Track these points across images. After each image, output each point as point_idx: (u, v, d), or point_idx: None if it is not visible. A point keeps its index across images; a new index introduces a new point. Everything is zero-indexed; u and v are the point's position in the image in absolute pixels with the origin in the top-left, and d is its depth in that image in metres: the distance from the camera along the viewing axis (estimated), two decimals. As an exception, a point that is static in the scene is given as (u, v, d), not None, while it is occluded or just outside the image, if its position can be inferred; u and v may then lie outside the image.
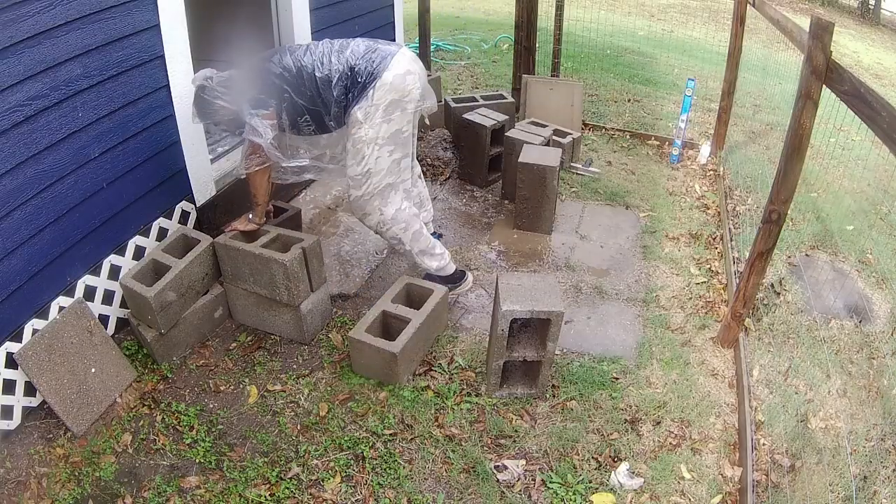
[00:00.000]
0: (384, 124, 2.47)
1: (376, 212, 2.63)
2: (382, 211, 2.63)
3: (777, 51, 4.31)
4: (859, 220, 3.79)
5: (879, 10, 13.53)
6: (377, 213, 2.64)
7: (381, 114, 2.45)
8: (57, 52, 2.11)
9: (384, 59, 2.43)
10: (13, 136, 2.03)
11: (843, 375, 2.55)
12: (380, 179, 2.57)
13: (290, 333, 2.67)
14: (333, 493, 2.04)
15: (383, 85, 2.41)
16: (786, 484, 2.04)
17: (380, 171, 2.55)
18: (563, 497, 2.04)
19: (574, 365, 2.57)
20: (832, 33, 1.98)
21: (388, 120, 2.48)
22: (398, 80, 2.43)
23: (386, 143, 2.51)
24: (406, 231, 2.71)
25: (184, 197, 2.88)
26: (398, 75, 2.43)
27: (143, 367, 2.50)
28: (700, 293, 3.05)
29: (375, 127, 2.46)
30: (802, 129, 2.11)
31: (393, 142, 2.53)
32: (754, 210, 3.45)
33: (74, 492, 2.03)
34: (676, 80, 6.26)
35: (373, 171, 2.54)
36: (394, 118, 2.48)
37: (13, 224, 2.09)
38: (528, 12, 4.66)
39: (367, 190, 2.58)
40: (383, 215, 2.64)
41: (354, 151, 2.51)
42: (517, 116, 4.62)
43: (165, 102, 2.65)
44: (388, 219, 2.65)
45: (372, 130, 2.46)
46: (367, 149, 2.49)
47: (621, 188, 4.03)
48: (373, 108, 2.43)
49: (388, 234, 2.71)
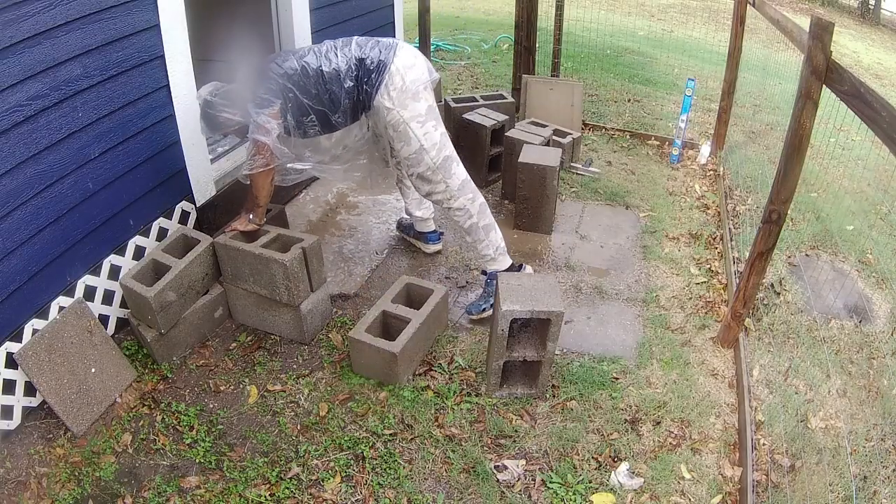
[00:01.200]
0: (415, 103, 2.49)
1: (441, 184, 2.62)
2: (448, 183, 2.62)
3: (777, 51, 4.31)
4: (859, 220, 3.79)
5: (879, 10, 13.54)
6: (443, 185, 2.62)
7: (408, 94, 2.47)
8: (57, 52, 2.11)
9: (391, 48, 2.47)
10: (13, 136, 2.03)
11: (843, 375, 2.55)
12: (437, 153, 2.57)
13: (290, 333, 2.67)
14: (333, 493, 2.04)
15: (398, 69, 2.44)
16: (786, 484, 2.04)
17: (434, 146, 2.56)
18: (563, 497, 2.04)
19: (574, 365, 2.57)
20: (832, 33, 1.98)
21: (417, 98, 2.49)
22: (410, 62, 2.48)
23: (426, 118, 2.53)
24: (474, 202, 2.68)
25: (184, 197, 2.88)
26: (408, 57, 2.49)
27: (143, 367, 2.50)
28: (700, 293, 3.05)
29: (409, 107, 2.48)
30: (802, 129, 2.11)
31: (433, 116, 2.55)
32: (754, 210, 3.45)
33: (74, 492, 2.03)
34: (676, 80, 6.26)
35: (426, 147, 2.55)
36: (421, 96, 2.50)
37: (13, 224, 2.09)
38: (528, 12, 4.66)
39: (428, 164, 2.58)
40: (449, 187, 2.63)
41: (398, 135, 2.53)
42: (517, 116, 4.62)
43: (165, 102, 2.65)
44: (454, 189, 2.63)
45: (406, 111, 2.48)
46: (411, 128, 2.50)
47: (621, 188, 4.03)
48: (396, 91, 2.46)
49: (456, 205, 2.66)
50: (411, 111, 2.49)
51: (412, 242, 3.34)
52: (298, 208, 3.61)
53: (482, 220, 2.72)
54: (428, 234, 3.24)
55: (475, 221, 2.70)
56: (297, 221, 3.47)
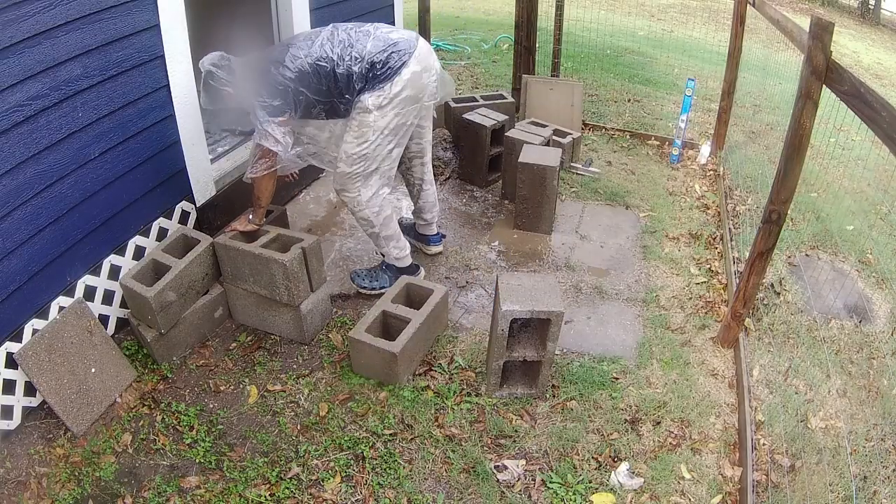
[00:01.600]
0: (395, 118, 2.51)
1: (355, 191, 2.68)
2: (360, 192, 2.68)
3: (777, 51, 4.31)
4: (859, 220, 3.79)
5: (879, 10, 13.53)
6: (356, 192, 2.68)
7: (393, 107, 2.49)
8: (57, 52, 2.11)
9: (403, 56, 2.45)
10: (13, 136, 2.03)
11: (843, 375, 2.55)
12: (370, 164, 2.61)
13: (290, 333, 2.67)
14: (333, 493, 2.04)
15: (401, 80, 2.45)
16: (786, 484, 2.04)
17: (375, 158, 2.60)
18: (563, 497, 2.04)
19: (574, 365, 2.57)
20: (832, 33, 1.98)
21: (399, 114, 2.52)
22: (416, 78, 2.48)
23: (390, 133, 2.56)
24: (378, 214, 2.76)
25: (184, 197, 2.88)
26: (416, 73, 2.48)
27: (143, 367, 2.50)
28: (700, 293, 3.05)
29: (386, 118, 2.50)
30: (802, 129, 2.11)
31: (396, 134, 2.58)
32: (754, 210, 3.45)
33: (74, 492, 2.03)
34: (676, 80, 6.26)
35: (369, 156, 2.59)
36: (404, 112, 2.53)
37: (13, 224, 2.09)
38: (528, 12, 4.66)
39: (355, 170, 2.61)
40: (360, 196, 2.68)
41: (358, 133, 2.54)
42: (517, 116, 4.62)
43: (165, 102, 2.65)
44: (363, 200, 2.70)
45: (382, 121, 2.50)
46: (372, 135, 2.53)
47: (621, 188, 4.03)
48: (387, 101, 2.46)
49: (360, 214, 2.75)
50: (385, 122, 2.52)
51: (413, 244, 3.33)
52: (299, 208, 3.61)
53: (385, 230, 2.82)
54: (430, 236, 3.27)
55: (377, 231, 2.81)
56: (298, 221, 3.47)
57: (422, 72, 2.50)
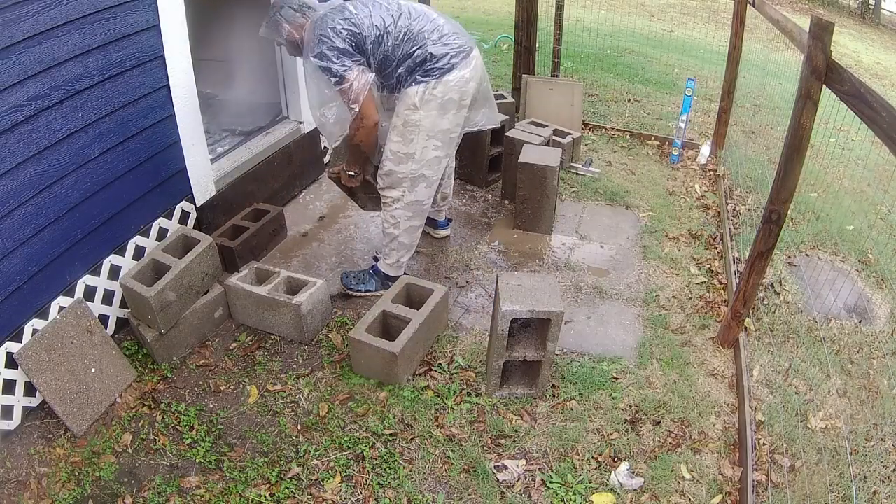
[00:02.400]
0: (438, 119, 2.51)
1: (400, 191, 2.66)
2: (406, 194, 2.67)
3: (777, 51, 4.31)
4: (859, 220, 3.79)
5: (879, 11, 13.53)
6: (401, 192, 2.67)
7: (437, 106, 2.48)
8: (57, 52, 2.11)
9: (458, 58, 2.44)
10: (13, 136, 2.03)
11: (843, 375, 2.55)
12: (419, 167, 2.60)
13: (290, 333, 2.67)
14: (333, 493, 2.04)
15: (448, 81, 2.45)
16: (786, 484, 2.04)
17: (422, 160, 2.59)
18: (563, 497, 2.04)
19: (574, 365, 2.57)
20: (832, 33, 1.98)
21: (443, 116, 2.51)
22: (462, 83, 2.48)
23: (436, 136, 2.55)
24: (410, 220, 2.74)
25: (184, 197, 2.88)
26: (464, 78, 2.47)
27: (143, 367, 2.51)
28: (700, 293, 3.05)
29: (431, 118, 2.50)
30: (802, 129, 2.11)
31: (442, 139, 2.58)
32: (754, 210, 3.45)
33: (74, 492, 2.03)
34: (676, 80, 6.26)
35: (416, 158, 2.58)
36: (448, 116, 2.52)
37: (13, 224, 2.09)
38: (528, 12, 4.66)
39: (404, 170, 2.61)
40: (404, 197, 2.68)
41: (404, 131, 2.54)
42: (517, 116, 4.62)
43: (165, 102, 2.65)
44: (405, 202, 2.69)
45: (428, 120, 2.50)
46: (419, 135, 2.53)
47: (621, 188, 4.03)
48: (431, 98, 2.46)
49: (393, 211, 2.73)
50: (431, 122, 2.51)
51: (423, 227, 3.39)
52: (300, 208, 3.61)
53: (404, 237, 2.80)
54: (439, 221, 3.36)
55: (396, 235, 2.79)
56: (298, 221, 3.47)
57: (469, 80, 2.49)
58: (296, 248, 3.28)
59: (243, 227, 3.06)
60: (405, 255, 2.88)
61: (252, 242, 3.03)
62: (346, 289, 2.96)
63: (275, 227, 3.22)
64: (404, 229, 2.76)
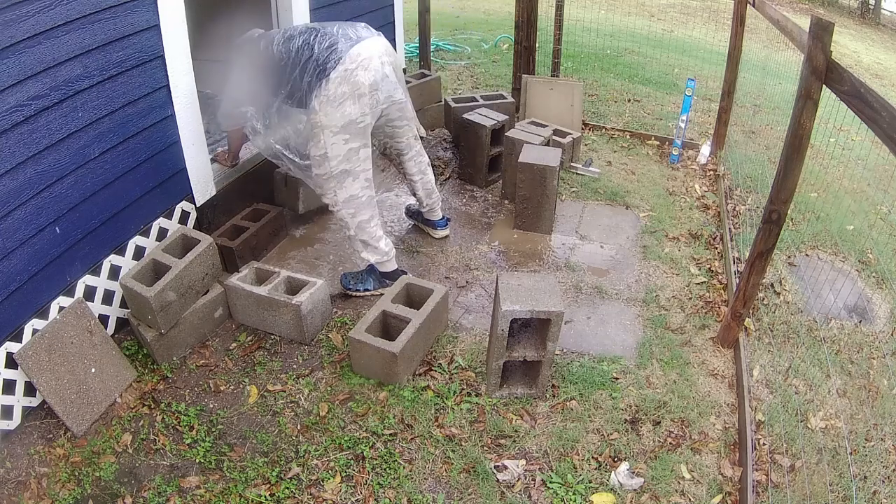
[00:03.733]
0: (336, 114, 2.57)
1: (331, 192, 2.75)
2: (336, 193, 2.74)
3: (777, 51, 4.31)
4: (859, 220, 3.79)
5: (879, 10, 13.53)
6: (332, 193, 2.75)
7: (333, 104, 2.55)
8: (57, 52, 2.11)
9: (339, 54, 2.53)
10: (13, 136, 2.03)
11: (843, 375, 2.55)
12: (336, 164, 2.67)
13: (290, 333, 2.67)
14: (333, 493, 2.04)
15: (335, 78, 2.52)
16: (786, 484, 2.04)
17: (336, 157, 2.65)
18: (563, 497, 2.04)
19: (574, 365, 2.57)
20: (832, 33, 1.98)
21: (339, 109, 2.57)
22: (347, 75, 2.53)
23: (340, 131, 2.61)
24: (354, 217, 2.80)
25: (184, 197, 2.88)
26: (349, 70, 2.53)
27: (143, 367, 2.50)
28: (700, 293, 3.05)
29: (329, 115, 2.57)
30: (802, 129, 2.11)
31: (347, 131, 2.62)
32: (754, 210, 3.45)
33: (74, 492, 2.03)
34: (676, 80, 6.26)
35: (329, 156, 2.65)
36: (346, 109, 2.57)
37: (13, 224, 2.09)
38: (528, 12, 4.65)
39: (325, 171, 2.69)
40: (336, 196, 2.75)
41: (312, 135, 2.64)
42: (517, 116, 4.62)
43: (165, 102, 2.65)
44: (339, 201, 2.76)
45: (326, 118, 2.57)
46: (322, 134, 2.60)
47: (621, 188, 4.03)
48: (325, 99, 2.54)
49: (338, 215, 2.83)
50: (329, 119, 2.57)
51: (421, 228, 3.45)
52: (298, 208, 3.60)
53: (360, 234, 2.84)
54: (436, 221, 3.38)
55: (353, 234, 2.85)
56: (298, 221, 3.47)
57: (356, 69, 2.53)
58: (296, 248, 3.28)
59: (243, 227, 3.06)
60: (383, 250, 2.89)
61: (252, 242, 3.03)
62: (345, 289, 2.96)
63: (275, 227, 3.22)
64: (355, 227, 2.82)
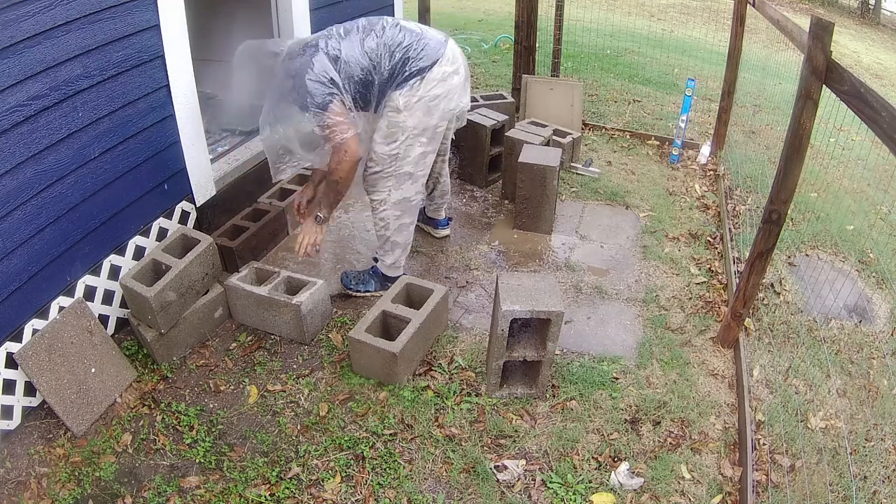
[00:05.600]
0: (425, 117, 2.51)
1: (385, 191, 2.67)
2: (391, 192, 2.67)
3: (777, 51, 4.31)
4: (859, 220, 3.79)
5: (879, 11, 13.54)
6: (386, 192, 2.67)
7: (422, 106, 2.48)
8: (57, 52, 2.11)
9: (434, 53, 2.44)
10: (13, 136, 2.02)
11: (843, 375, 2.55)
12: (403, 165, 2.61)
13: (290, 333, 2.67)
14: (333, 493, 2.04)
15: (431, 79, 2.45)
16: (786, 484, 2.04)
17: (406, 158, 2.59)
18: (563, 497, 2.04)
19: (574, 365, 2.57)
20: (832, 33, 1.98)
21: (430, 114, 2.51)
22: (444, 77, 2.47)
23: (421, 134, 2.56)
24: (399, 219, 2.75)
25: (184, 197, 2.88)
26: (446, 72, 2.47)
27: (143, 367, 2.50)
28: (700, 293, 3.05)
29: (416, 117, 2.50)
30: (802, 129, 2.11)
31: (427, 135, 2.58)
32: (754, 210, 3.45)
33: (74, 492, 2.03)
34: (676, 80, 6.26)
35: (400, 157, 2.58)
36: (434, 113, 2.52)
37: (13, 224, 2.09)
38: (528, 12, 4.65)
39: (387, 170, 2.61)
40: (389, 196, 2.68)
41: (388, 133, 2.54)
42: (517, 116, 4.62)
43: (165, 102, 2.65)
44: (391, 202, 2.69)
45: (412, 120, 2.50)
46: (402, 135, 2.53)
47: (621, 188, 4.03)
48: (415, 99, 2.46)
49: (381, 213, 2.74)
50: (415, 122, 2.51)
51: (422, 227, 3.41)
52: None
53: (397, 236, 2.80)
54: (439, 220, 3.36)
55: (388, 236, 2.79)
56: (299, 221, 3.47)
57: (452, 73, 2.50)
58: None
59: (243, 227, 3.06)
60: (402, 255, 2.88)
61: (252, 242, 3.03)
62: (347, 289, 2.96)
63: (275, 227, 3.22)
64: (395, 228, 2.77)
